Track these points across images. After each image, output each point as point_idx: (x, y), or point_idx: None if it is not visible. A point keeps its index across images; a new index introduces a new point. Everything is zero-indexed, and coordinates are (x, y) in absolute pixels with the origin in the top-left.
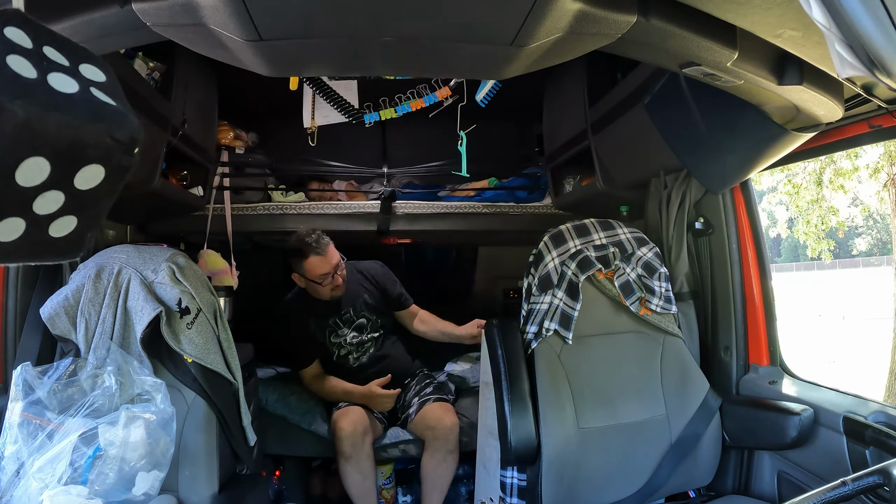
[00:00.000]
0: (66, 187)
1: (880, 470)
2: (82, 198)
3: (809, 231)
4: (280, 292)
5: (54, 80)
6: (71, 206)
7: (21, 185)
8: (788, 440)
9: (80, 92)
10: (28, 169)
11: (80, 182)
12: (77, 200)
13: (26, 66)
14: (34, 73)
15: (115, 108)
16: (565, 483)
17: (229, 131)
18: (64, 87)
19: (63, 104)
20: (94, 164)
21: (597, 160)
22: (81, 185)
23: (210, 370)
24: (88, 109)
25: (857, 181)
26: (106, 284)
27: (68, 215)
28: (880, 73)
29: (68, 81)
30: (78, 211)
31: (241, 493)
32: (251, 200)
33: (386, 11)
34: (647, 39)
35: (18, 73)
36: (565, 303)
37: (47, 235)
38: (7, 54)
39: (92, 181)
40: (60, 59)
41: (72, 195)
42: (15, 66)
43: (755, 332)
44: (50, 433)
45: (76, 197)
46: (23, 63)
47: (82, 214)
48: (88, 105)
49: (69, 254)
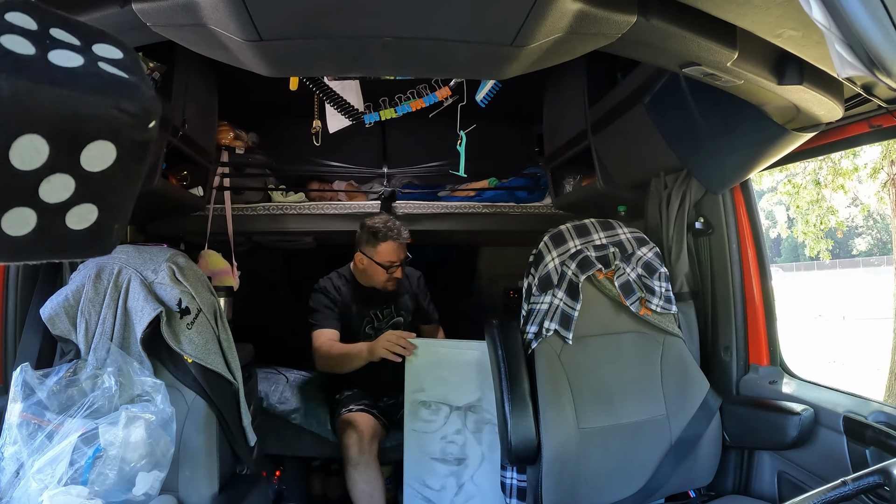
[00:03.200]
0: (72, 169)
1: (880, 470)
2: (97, 182)
3: (808, 231)
4: (280, 292)
5: (55, 57)
6: (86, 192)
7: (19, 169)
8: (788, 440)
9: (83, 66)
10: (22, 148)
11: (89, 162)
12: (91, 185)
13: (24, 44)
14: (32, 50)
15: (124, 79)
16: (565, 483)
17: (229, 131)
18: (65, 63)
19: (61, 78)
20: (100, 141)
21: (597, 160)
22: (91, 166)
23: (210, 370)
24: (91, 82)
25: (856, 181)
26: (106, 285)
27: (85, 203)
28: (880, 73)
29: (72, 57)
30: (96, 198)
31: (241, 493)
32: (251, 200)
33: (386, 11)
34: (647, 39)
35: (11, 49)
36: (565, 303)
37: (65, 228)
38: (2, 34)
39: (103, 161)
40: (70, 39)
41: (82, 179)
42: (8, 43)
43: (755, 332)
44: (49, 434)
45: (89, 181)
46: (19, 42)
47: (102, 203)
48: (91, 78)
49: (94, 249)
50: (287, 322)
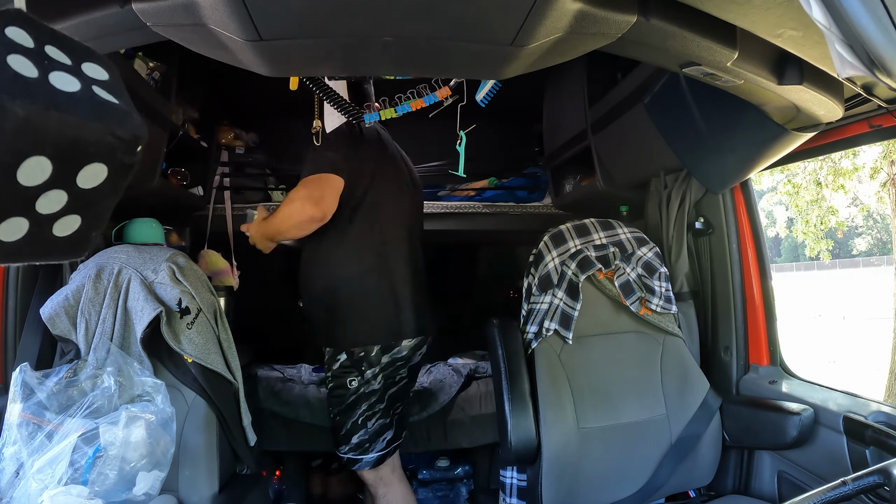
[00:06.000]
0: (68, 186)
1: (880, 470)
2: (85, 197)
3: (808, 231)
4: (280, 292)
5: (56, 79)
6: (74, 205)
7: (23, 185)
8: (788, 440)
9: (81, 91)
10: (30, 168)
11: (83, 181)
12: (80, 199)
13: (27, 66)
14: (35, 73)
15: (117, 106)
16: (565, 483)
17: (229, 131)
18: (66, 86)
19: (64, 103)
20: (96, 163)
21: (597, 160)
22: (84, 183)
23: (210, 370)
24: (90, 108)
25: (857, 181)
26: (106, 284)
27: (72, 214)
28: (880, 73)
29: (70, 80)
30: (81, 210)
31: (241, 493)
32: (251, 200)
33: (386, 11)
34: (647, 39)
35: (19, 72)
36: (565, 303)
37: (51, 235)
38: (8, 54)
39: (95, 180)
40: (62, 57)
41: (75, 194)
42: (16, 65)
43: (755, 331)
44: (49, 434)
45: (79, 196)
46: (24, 62)
47: (86, 213)
48: (90, 104)
49: (73, 253)
50: (287, 322)
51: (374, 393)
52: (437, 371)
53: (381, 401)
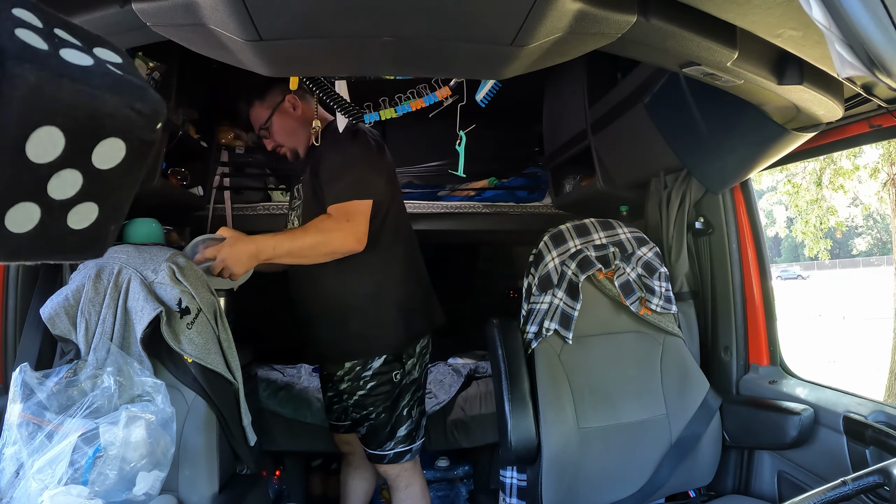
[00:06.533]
0: (83, 165)
1: (880, 470)
2: (102, 180)
3: (808, 230)
4: (280, 292)
5: (67, 54)
6: (90, 189)
7: (33, 161)
8: (788, 440)
9: (95, 65)
10: (40, 140)
11: (99, 160)
12: (97, 183)
13: (36, 40)
14: (46, 46)
15: (133, 80)
16: (565, 483)
17: (229, 131)
18: (78, 61)
19: (78, 74)
20: (113, 138)
21: (597, 160)
22: (100, 163)
23: (210, 370)
24: (106, 81)
25: (857, 181)
26: (106, 284)
27: (88, 202)
28: (880, 73)
29: (82, 56)
30: (98, 197)
31: (241, 493)
32: (251, 200)
33: (386, 11)
34: (647, 39)
35: (28, 42)
36: (565, 302)
37: (66, 227)
38: (16, 27)
39: (112, 159)
40: (73, 40)
41: (90, 176)
42: (25, 37)
43: (755, 331)
44: (49, 434)
45: (95, 178)
46: (32, 36)
47: (104, 202)
48: (105, 76)
49: (89, 250)
50: (287, 322)
51: (415, 382)
52: (437, 371)
53: (419, 388)
